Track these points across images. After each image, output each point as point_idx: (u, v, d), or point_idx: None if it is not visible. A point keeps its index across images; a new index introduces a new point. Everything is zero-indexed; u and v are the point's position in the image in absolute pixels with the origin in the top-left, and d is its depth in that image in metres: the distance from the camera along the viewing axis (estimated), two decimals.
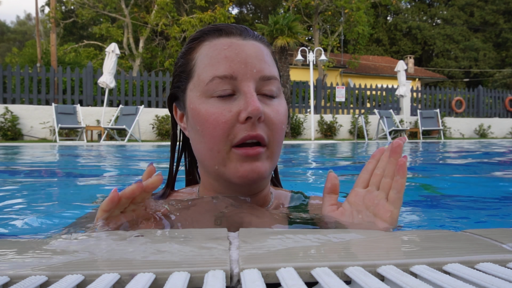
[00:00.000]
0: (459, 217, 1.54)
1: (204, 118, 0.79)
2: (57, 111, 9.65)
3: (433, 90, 15.72)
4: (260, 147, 0.79)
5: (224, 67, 0.79)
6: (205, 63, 0.81)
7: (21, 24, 47.37)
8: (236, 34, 0.84)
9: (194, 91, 0.83)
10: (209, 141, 0.80)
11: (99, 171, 3.69)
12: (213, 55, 0.81)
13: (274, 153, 0.83)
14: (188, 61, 0.86)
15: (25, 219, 1.44)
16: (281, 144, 0.86)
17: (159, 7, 17.65)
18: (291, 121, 12.61)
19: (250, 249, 0.53)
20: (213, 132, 0.78)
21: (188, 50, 0.87)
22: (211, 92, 0.79)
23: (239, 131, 0.77)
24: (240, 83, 0.79)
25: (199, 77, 0.82)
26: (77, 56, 19.88)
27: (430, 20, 35.56)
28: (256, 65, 0.81)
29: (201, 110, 0.80)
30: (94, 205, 1.69)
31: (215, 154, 0.80)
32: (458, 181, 2.86)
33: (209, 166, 0.83)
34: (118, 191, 0.66)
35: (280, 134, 0.83)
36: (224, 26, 0.85)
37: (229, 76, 0.79)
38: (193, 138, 0.86)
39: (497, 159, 5.09)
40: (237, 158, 0.79)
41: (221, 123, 0.77)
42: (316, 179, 3.05)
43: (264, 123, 0.79)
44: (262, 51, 0.84)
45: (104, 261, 0.49)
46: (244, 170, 0.79)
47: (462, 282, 0.41)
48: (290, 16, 12.97)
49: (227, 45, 0.81)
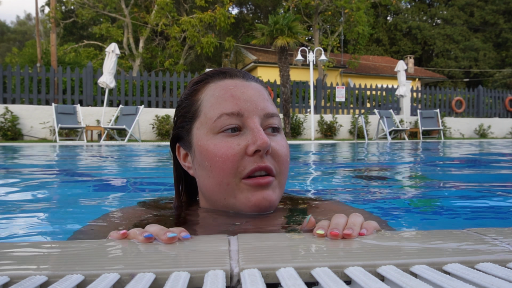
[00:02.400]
0: (459, 217, 1.54)
1: (213, 153, 0.83)
2: (57, 111, 9.65)
3: (433, 90, 15.72)
4: (271, 176, 0.83)
5: (231, 104, 0.84)
6: (212, 102, 0.86)
7: (21, 24, 47.36)
8: (239, 76, 0.91)
9: (201, 129, 0.86)
10: (218, 175, 0.83)
11: (99, 171, 3.69)
12: (219, 95, 0.86)
13: (282, 183, 0.88)
14: (193, 102, 0.90)
15: (25, 219, 1.44)
16: (287, 176, 0.90)
17: (159, 7, 17.63)
18: (291, 121, 12.61)
19: (250, 249, 0.53)
20: (223, 165, 0.82)
21: (193, 92, 0.92)
22: (218, 128, 0.83)
23: (248, 163, 0.81)
24: (247, 119, 0.83)
25: (206, 115, 0.86)
26: (77, 56, 19.86)
27: (430, 20, 35.54)
28: (260, 103, 0.86)
29: (210, 145, 0.83)
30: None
31: (225, 187, 0.83)
32: (458, 181, 2.86)
33: (218, 200, 0.86)
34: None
35: (286, 166, 0.88)
36: (227, 69, 0.92)
37: (236, 113, 0.83)
38: (200, 175, 0.89)
39: (497, 159, 5.09)
40: (248, 189, 0.82)
41: (231, 156, 0.81)
42: (316, 179, 3.05)
43: (271, 155, 0.84)
44: (263, 92, 0.90)
45: (104, 261, 0.49)
46: (256, 199, 0.82)
47: (462, 282, 0.41)
48: (290, 16, 12.96)
49: (233, 86, 0.87)
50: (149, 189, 2.49)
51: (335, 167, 4.03)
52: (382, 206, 1.76)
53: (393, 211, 1.64)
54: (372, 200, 1.92)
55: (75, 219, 1.48)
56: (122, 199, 1.97)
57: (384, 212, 1.61)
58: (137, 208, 1.02)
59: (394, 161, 4.80)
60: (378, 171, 3.62)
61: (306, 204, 1.03)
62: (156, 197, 1.28)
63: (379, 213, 1.56)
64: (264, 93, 0.91)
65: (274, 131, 0.88)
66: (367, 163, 4.49)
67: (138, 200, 1.13)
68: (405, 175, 3.29)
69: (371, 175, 3.22)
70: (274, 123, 0.88)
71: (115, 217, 0.96)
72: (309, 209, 0.99)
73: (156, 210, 1.00)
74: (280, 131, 0.90)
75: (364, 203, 1.80)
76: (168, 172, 3.09)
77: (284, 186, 0.90)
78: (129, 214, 0.96)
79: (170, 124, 11.14)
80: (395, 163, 4.53)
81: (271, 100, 0.92)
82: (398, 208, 1.75)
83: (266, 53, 22.57)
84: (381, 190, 2.36)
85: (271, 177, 0.83)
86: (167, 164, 3.92)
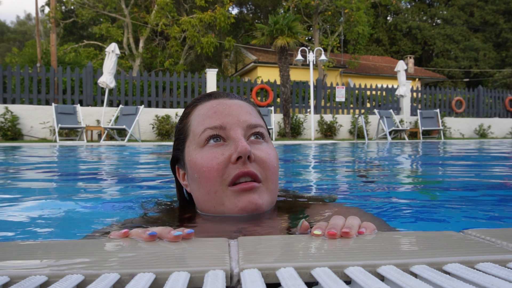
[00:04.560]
0: (459, 217, 1.54)
1: (200, 164, 0.87)
2: (57, 111, 9.65)
3: (433, 90, 15.71)
4: (255, 182, 0.86)
5: (213, 119, 0.90)
6: (198, 120, 0.93)
7: (21, 24, 47.35)
8: (224, 96, 0.96)
9: (190, 146, 0.92)
10: (206, 184, 0.87)
11: (99, 171, 3.68)
12: (204, 113, 0.92)
13: (271, 189, 0.90)
14: (184, 124, 0.97)
15: (25, 219, 1.44)
16: (277, 182, 0.93)
17: (159, 7, 17.63)
18: (291, 121, 12.60)
19: (250, 249, 0.53)
20: (209, 174, 0.86)
21: (184, 115, 0.99)
22: (203, 142, 0.89)
23: (232, 170, 0.85)
24: (229, 131, 0.88)
25: (194, 132, 0.92)
26: (77, 56, 19.85)
27: (430, 20, 35.53)
28: (242, 116, 0.91)
29: (197, 158, 0.88)
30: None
31: (213, 195, 0.87)
32: (458, 180, 2.86)
33: (209, 209, 0.90)
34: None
35: (273, 173, 0.90)
36: (214, 92, 0.99)
37: (219, 126, 0.88)
38: (192, 188, 0.94)
39: (497, 159, 5.09)
40: (234, 195, 0.85)
41: (215, 165, 0.85)
42: (316, 179, 3.05)
43: (256, 162, 0.87)
44: (246, 107, 0.95)
45: (104, 261, 0.49)
46: (242, 204, 0.84)
47: (462, 282, 0.41)
48: (290, 16, 12.96)
49: (216, 104, 0.93)
50: (149, 189, 2.49)
51: (335, 167, 4.03)
52: (381, 206, 1.76)
53: (393, 211, 1.64)
54: (372, 200, 1.92)
55: (75, 219, 1.48)
56: (122, 199, 1.97)
57: (384, 211, 1.61)
58: (138, 219, 1.03)
59: (394, 161, 4.80)
60: (378, 171, 3.62)
61: (305, 206, 1.04)
62: (157, 209, 1.28)
63: (379, 213, 1.56)
64: (248, 108, 0.95)
65: (259, 139, 0.92)
66: (367, 163, 4.49)
67: (138, 200, 1.14)
68: (405, 175, 3.29)
69: (370, 175, 3.22)
70: (258, 133, 0.91)
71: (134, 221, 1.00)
72: (307, 211, 0.99)
73: (159, 221, 1.02)
74: (267, 140, 0.94)
75: (364, 203, 1.81)
76: (167, 171, 3.09)
77: (275, 192, 0.92)
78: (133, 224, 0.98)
79: (170, 124, 11.14)
80: (395, 163, 4.53)
81: (256, 114, 0.96)
82: (398, 208, 1.75)
83: (266, 53, 22.57)
84: (380, 190, 2.36)
85: (255, 183, 0.86)
86: (167, 164, 3.92)
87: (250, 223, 0.84)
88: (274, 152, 0.93)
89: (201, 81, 12.65)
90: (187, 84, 12.50)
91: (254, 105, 1.01)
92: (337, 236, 0.59)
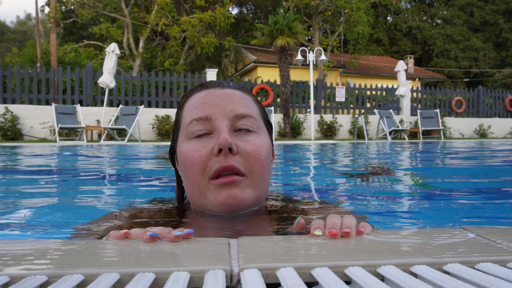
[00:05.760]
0: (459, 217, 1.54)
1: (185, 157, 0.87)
2: (57, 111, 9.64)
3: (433, 90, 15.71)
4: (236, 175, 0.84)
5: (200, 110, 0.89)
6: (187, 112, 0.92)
7: (21, 24, 47.34)
8: (215, 85, 0.94)
9: (180, 138, 0.92)
10: (190, 177, 0.87)
11: (99, 171, 3.68)
12: (192, 104, 0.92)
13: (256, 183, 0.87)
14: (178, 115, 0.97)
15: (24, 219, 1.44)
16: (265, 175, 0.90)
17: (159, 7, 17.62)
18: (291, 121, 12.60)
19: (250, 249, 0.53)
20: (192, 167, 0.85)
21: (179, 107, 0.98)
22: (190, 134, 0.88)
23: (213, 163, 0.84)
24: (215, 122, 0.87)
25: (183, 124, 0.92)
26: (77, 56, 19.85)
27: (430, 20, 35.53)
28: (229, 106, 0.89)
29: (183, 150, 0.88)
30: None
31: (196, 188, 0.86)
32: (458, 180, 2.86)
33: (195, 201, 0.89)
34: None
35: (260, 165, 0.87)
36: (206, 82, 0.97)
37: (204, 118, 0.87)
38: (183, 180, 0.93)
39: (497, 158, 5.09)
40: (215, 189, 0.84)
41: (197, 157, 0.85)
42: (316, 179, 3.05)
43: (240, 155, 0.85)
44: (237, 95, 0.92)
45: (104, 261, 0.49)
46: (222, 198, 0.83)
47: (462, 282, 0.41)
48: (290, 16, 12.95)
49: (205, 94, 0.92)
50: (149, 189, 2.49)
51: (335, 167, 4.03)
52: (381, 206, 1.76)
53: (392, 211, 1.64)
54: (371, 200, 1.92)
55: (75, 219, 1.48)
56: (121, 199, 1.97)
57: (383, 211, 1.61)
58: (138, 211, 1.03)
59: (394, 161, 4.80)
60: (378, 171, 3.62)
61: (301, 205, 1.05)
62: (155, 201, 1.28)
63: (378, 213, 1.56)
64: (239, 96, 0.92)
65: (248, 130, 0.89)
66: (367, 163, 4.49)
67: (138, 200, 1.14)
68: (405, 175, 3.28)
69: (370, 175, 3.22)
70: (246, 124, 0.88)
71: (118, 217, 0.99)
72: (303, 211, 1.00)
73: (158, 214, 1.02)
74: (258, 130, 0.90)
75: (364, 203, 1.80)
76: (167, 171, 3.10)
77: (262, 185, 0.89)
78: (131, 215, 0.98)
79: (170, 124, 11.14)
80: (395, 163, 4.53)
81: (249, 103, 0.93)
82: (398, 208, 1.75)
83: (266, 53, 22.57)
84: (380, 190, 2.36)
85: (237, 177, 0.83)
86: (167, 164, 3.93)
87: (247, 222, 0.84)
88: (263, 143, 0.89)
89: (201, 81, 12.64)
90: (187, 84, 12.50)
91: (249, 93, 0.98)
92: (337, 236, 0.59)
